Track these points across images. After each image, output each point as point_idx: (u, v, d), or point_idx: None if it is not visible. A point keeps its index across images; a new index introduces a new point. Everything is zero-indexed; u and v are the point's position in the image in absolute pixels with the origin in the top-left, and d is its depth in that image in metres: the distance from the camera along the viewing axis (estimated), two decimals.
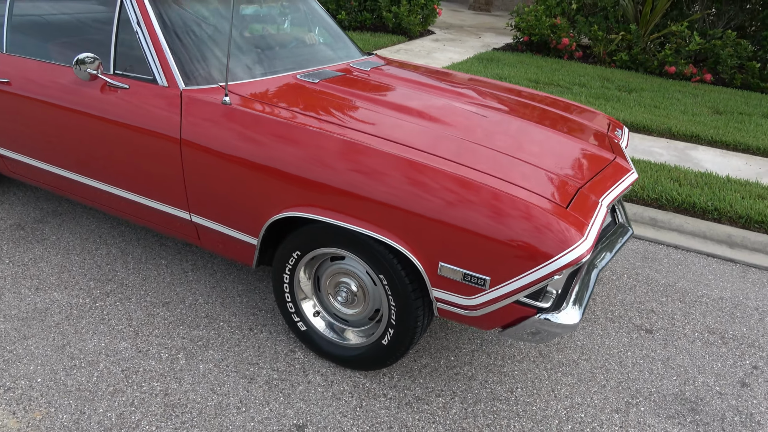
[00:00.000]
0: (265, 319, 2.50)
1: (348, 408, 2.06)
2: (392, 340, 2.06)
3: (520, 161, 2.04)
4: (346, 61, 2.99)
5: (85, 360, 2.17)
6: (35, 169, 2.72)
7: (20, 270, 2.69)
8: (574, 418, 2.12)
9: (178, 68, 2.28)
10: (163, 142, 2.21)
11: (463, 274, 1.82)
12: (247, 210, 2.14)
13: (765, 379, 2.43)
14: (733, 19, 9.43)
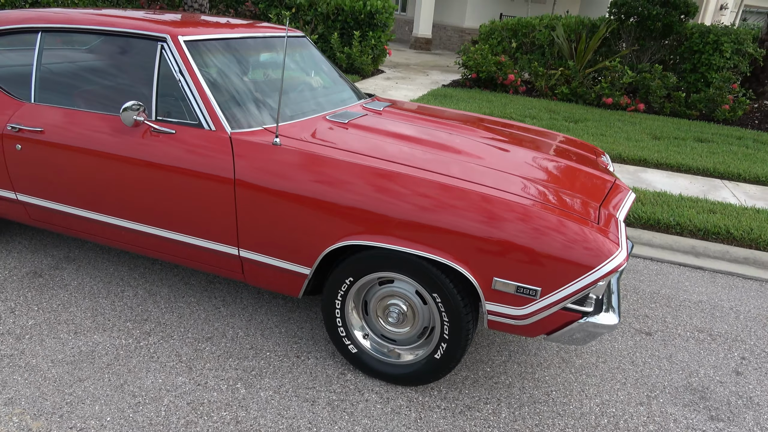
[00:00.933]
0: (307, 346, 2.63)
1: (409, 420, 2.22)
2: (445, 353, 2.25)
3: (551, 186, 2.32)
4: (358, 102, 3.22)
5: (148, 396, 2.23)
6: (65, 215, 2.75)
7: (52, 316, 2.69)
8: (607, 413, 2.36)
9: (222, 113, 2.43)
10: (216, 182, 2.34)
11: (516, 286, 2.05)
12: (302, 242, 2.29)
13: (754, 368, 2.77)
14: (655, 53, 10.42)
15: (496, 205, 2.05)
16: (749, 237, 4.22)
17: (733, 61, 9.69)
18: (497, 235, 2.01)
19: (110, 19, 2.66)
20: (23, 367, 2.33)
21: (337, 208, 2.18)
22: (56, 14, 2.75)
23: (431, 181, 2.14)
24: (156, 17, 2.76)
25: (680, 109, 9.09)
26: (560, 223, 2.01)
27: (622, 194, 2.59)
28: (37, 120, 2.65)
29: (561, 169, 2.59)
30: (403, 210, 2.09)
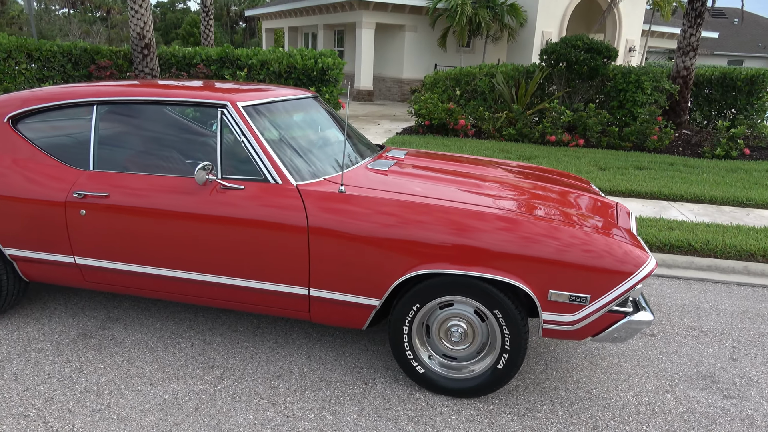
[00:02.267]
0: (370, 374, 2.87)
1: (483, 426, 2.50)
2: (507, 362, 2.57)
3: (579, 211, 2.74)
4: (379, 152, 3.58)
5: (250, 423, 2.40)
6: (128, 274, 2.90)
7: (121, 371, 2.80)
8: (643, 401, 2.74)
9: (285, 168, 2.72)
10: (289, 230, 2.60)
11: (569, 296, 2.42)
12: (373, 276, 2.57)
13: (744, 354, 3.26)
14: (584, 94, 11.49)
15: (549, 230, 2.44)
16: (708, 247, 4.83)
17: (653, 97, 10.85)
18: (552, 255, 2.39)
19: (168, 90, 2.92)
20: (117, 419, 2.44)
21: (405, 243, 2.49)
22: (112, 88, 2.97)
23: (490, 214, 2.50)
24: (211, 86, 3.04)
25: (615, 142, 10.05)
26: (608, 242, 2.42)
27: (625, 213, 3.05)
28: (100, 186, 2.83)
29: (577, 196, 3.04)
30: (470, 239, 2.44)
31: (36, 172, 2.90)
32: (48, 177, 2.88)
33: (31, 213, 2.88)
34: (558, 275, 2.40)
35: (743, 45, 37.22)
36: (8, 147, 2.98)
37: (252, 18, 52.40)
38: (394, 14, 17.26)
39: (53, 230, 2.88)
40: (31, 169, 2.91)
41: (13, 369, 2.79)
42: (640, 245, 2.52)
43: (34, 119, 3.03)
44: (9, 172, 2.92)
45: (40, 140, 3.00)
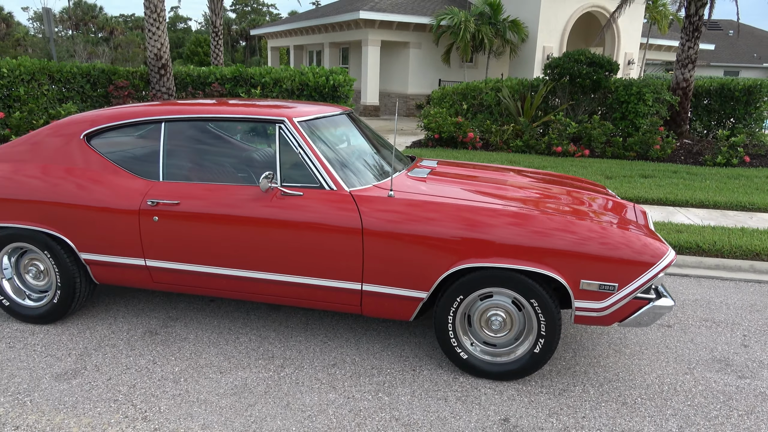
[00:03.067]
0: (416, 362, 3.16)
1: (523, 403, 2.79)
2: (543, 347, 2.87)
3: (604, 210, 3.06)
4: (414, 162, 3.90)
5: (314, 410, 2.69)
6: (195, 274, 3.20)
7: (191, 363, 3.09)
8: (665, 382, 3.03)
9: (338, 176, 3.04)
10: (345, 231, 2.91)
11: (599, 285, 2.72)
12: (421, 271, 2.88)
13: (755, 341, 3.55)
14: (587, 106, 11.86)
15: (584, 227, 2.75)
16: (715, 248, 5.13)
17: (655, 108, 11.22)
18: (586, 249, 2.69)
19: (229, 108, 3.24)
20: (197, 402, 2.73)
21: (451, 240, 2.80)
22: (178, 107, 3.30)
23: (529, 215, 2.82)
24: (266, 104, 3.37)
25: (619, 152, 10.40)
26: (632, 236, 2.73)
27: (641, 213, 3.36)
28: (171, 194, 3.14)
29: (599, 199, 3.35)
30: (511, 236, 2.74)
31: (111, 183, 3.22)
32: (123, 188, 3.19)
33: (107, 220, 3.18)
34: (589, 267, 2.70)
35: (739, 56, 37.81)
36: (84, 161, 3.30)
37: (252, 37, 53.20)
38: (398, 32, 17.73)
39: (127, 235, 3.19)
40: (107, 181, 3.22)
41: (93, 362, 3.08)
42: (660, 240, 2.82)
43: (106, 136, 3.35)
44: (86, 184, 3.23)
45: (113, 155, 3.32)
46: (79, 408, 2.66)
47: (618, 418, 2.70)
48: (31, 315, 3.46)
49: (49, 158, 3.35)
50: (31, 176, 3.29)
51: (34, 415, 2.60)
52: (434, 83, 18.45)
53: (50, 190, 3.23)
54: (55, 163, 3.33)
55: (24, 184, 3.28)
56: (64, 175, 3.26)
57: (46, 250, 3.33)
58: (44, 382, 2.87)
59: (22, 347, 3.22)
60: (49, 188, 3.23)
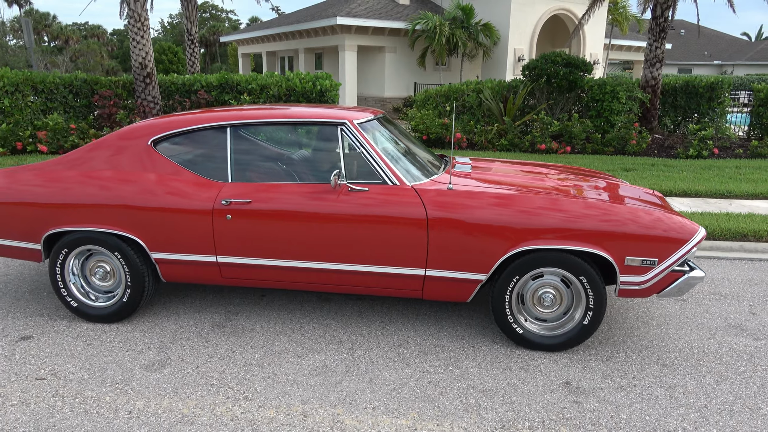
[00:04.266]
0: (473, 339, 3.47)
1: (577, 369, 3.13)
2: (592, 319, 3.22)
3: (634, 196, 3.43)
4: (451, 160, 4.21)
5: (397, 383, 2.97)
6: (266, 267, 3.42)
7: (267, 350, 3.33)
8: (693, 346, 3.42)
9: (399, 172, 3.33)
10: (411, 222, 3.19)
11: (641, 260, 3.09)
12: (481, 255, 3.19)
13: (761, 309, 3.99)
14: (565, 105, 12.42)
15: (627, 211, 3.11)
16: (708, 232, 5.61)
17: (628, 105, 11.85)
18: (630, 230, 3.05)
19: (291, 111, 3.50)
20: (287, 381, 2.98)
21: (509, 226, 3.12)
22: (242, 112, 3.53)
23: (578, 200, 3.16)
24: (322, 108, 3.63)
25: (599, 148, 10.96)
26: (667, 217, 3.10)
27: (659, 197, 3.76)
28: (242, 194, 3.36)
29: (624, 187, 3.74)
30: (563, 220, 3.08)
31: (183, 186, 3.42)
32: (194, 190, 3.40)
33: (181, 220, 3.39)
34: (632, 245, 3.07)
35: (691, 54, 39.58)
36: (154, 166, 3.49)
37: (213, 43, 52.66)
38: (374, 37, 18.07)
39: (200, 234, 3.40)
40: (178, 184, 3.43)
41: (174, 353, 3.28)
42: (690, 221, 3.21)
43: (173, 141, 3.55)
44: (159, 188, 3.42)
45: (181, 159, 3.52)
46: (180, 393, 2.87)
47: (662, 376, 3.07)
48: (99, 314, 3.63)
49: (118, 164, 3.53)
50: (103, 182, 3.46)
51: (140, 401, 2.80)
52: (410, 86, 18.85)
53: (123, 194, 3.41)
54: (125, 169, 3.51)
55: (96, 189, 3.45)
56: (135, 180, 3.45)
57: (116, 252, 3.50)
58: (136, 372, 3.06)
59: (100, 344, 3.39)
60: (122, 193, 3.42)
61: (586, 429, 2.60)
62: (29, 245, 3.62)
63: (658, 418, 2.69)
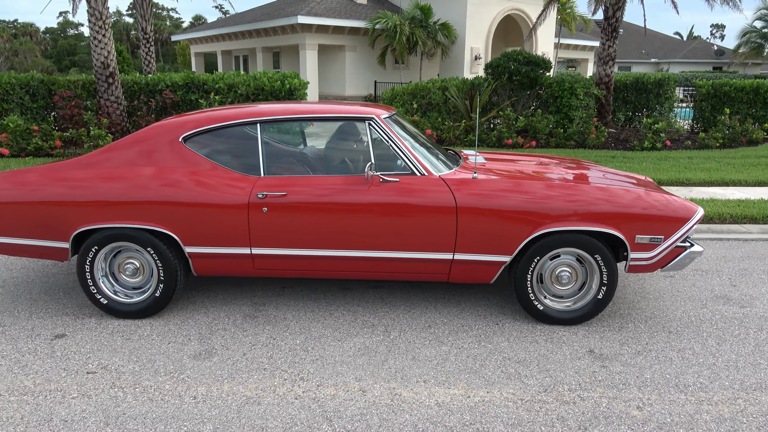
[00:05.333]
0: (496, 318, 3.73)
1: (596, 339, 3.44)
2: (605, 293, 3.53)
3: (635, 182, 3.78)
4: (462, 153, 4.45)
5: (438, 359, 3.19)
6: (295, 258, 3.57)
7: (307, 335, 3.48)
8: (690, 314, 3.80)
9: (427, 163, 3.55)
10: (441, 210, 3.41)
11: (650, 238, 3.43)
12: (506, 238, 3.45)
13: (740, 282, 4.43)
14: (525, 102, 12.95)
15: (636, 194, 3.44)
16: None
17: (585, 101, 12.47)
18: (640, 210, 3.38)
19: (320, 107, 3.65)
20: (336, 362, 3.15)
21: (533, 211, 3.39)
22: (271, 108, 3.66)
23: (593, 186, 3.47)
24: (347, 104, 3.80)
25: (561, 142, 11.51)
26: (671, 198, 3.45)
27: (654, 183, 4.14)
28: (277, 187, 3.49)
29: (619, 174, 4.09)
30: (582, 204, 3.38)
31: (217, 181, 3.52)
32: (230, 184, 3.51)
33: (217, 214, 3.49)
34: (642, 224, 3.40)
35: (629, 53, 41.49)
36: (186, 162, 3.57)
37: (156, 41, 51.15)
38: (334, 35, 18.18)
39: (236, 227, 3.51)
40: (212, 179, 3.52)
41: (217, 343, 3.39)
42: (690, 202, 3.58)
43: (203, 137, 3.64)
44: (193, 183, 3.51)
45: (212, 155, 3.62)
46: (237, 378, 3.00)
47: (670, 341, 3.42)
48: (130, 311, 3.67)
49: (149, 161, 3.59)
50: (135, 179, 3.52)
51: (200, 387, 2.91)
52: (370, 85, 19.07)
53: (158, 191, 3.48)
54: (157, 166, 3.57)
55: (129, 187, 3.50)
56: (169, 176, 3.52)
57: (149, 247, 3.56)
58: (186, 362, 3.16)
59: (138, 338, 3.45)
60: (157, 189, 3.48)
61: (618, 388, 2.90)
62: (55, 244, 3.62)
63: (676, 375, 3.03)
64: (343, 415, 2.67)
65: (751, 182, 8.10)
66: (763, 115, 13.29)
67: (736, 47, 36.60)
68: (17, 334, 3.49)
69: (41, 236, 3.62)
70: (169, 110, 12.08)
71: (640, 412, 2.70)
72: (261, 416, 2.66)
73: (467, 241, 3.47)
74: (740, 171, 8.82)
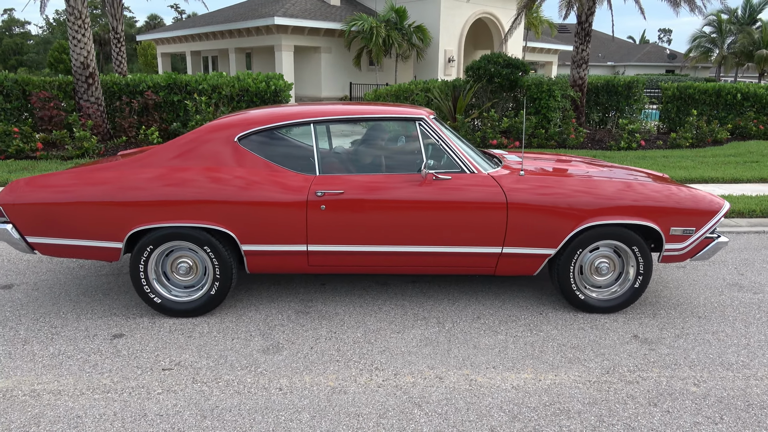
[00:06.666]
0: (539, 308, 3.94)
1: (634, 324, 3.69)
2: (641, 282, 3.79)
3: (667, 179, 4.05)
4: (498, 152, 4.64)
5: (498, 347, 3.36)
6: (350, 254, 3.68)
7: (365, 329, 3.60)
8: (711, 300, 4.10)
9: (476, 162, 3.73)
10: (492, 206, 3.59)
11: (683, 230, 3.70)
12: (552, 232, 3.65)
13: (745, 270, 4.79)
14: (505, 103, 13.32)
15: (670, 189, 3.71)
16: None
17: (562, 103, 12.93)
18: (675, 204, 3.65)
19: (371, 108, 3.78)
20: (404, 353, 3.28)
21: (577, 207, 3.61)
22: (324, 108, 3.76)
23: (631, 182, 3.72)
24: (394, 105, 3.93)
25: (543, 142, 11.91)
26: (700, 193, 3.74)
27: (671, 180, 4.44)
28: (334, 185, 3.60)
29: (643, 171, 4.37)
30: (623, 199, 3.62)
31: (275, 180, 3.59)
32: (287, 183, 3.59)
33: (275, 213, 3.56)
34: (677, 217, 3.67)
35: None
36: (242, 162, 3.64)
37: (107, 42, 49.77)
38: (310, 37, 18.19)
39: (293, 225, 3.59)
40: (270, 178, 3.60)
41: (281, 338, 3.47)
42: (715, 196, 3.88)
43: (258, 137, 3.71)
44: (250, 183, 3.57)
45: (267, 154, 3.69)
46: (313, 370, 3.10)
47: (703, 325, 3.70)
48: (184, 309, 3.71)
49: (205, 161, 3.64)
50: (193, 179, 3.56)
51: (281, 379, 3.00)
52: (345, 86, 19.15)
53: (218, 190, 3.53)
54: (213, 165, 3.63)
55: (187, 186, 3.54)
56: (228, 176, 3.58)
57: (206, 246, 3.61)
58: (258, 357, 3.24)
59: (199, 336, 3.50)
60: (216, 189, 3.53)
61: (671, 368, 3.14)
62: (108, 244, 3.63)
63: (719, 354, 3.30)
64: (429, 400, 2.82)
65: (728, 179, 8.62)
66: (725, 116, 14.07)
67: (687, 51, 38.37)
68: (73, 335, 3.48)
69: (94, 237, 3.62)
70: (151, 111, 11.91)
71: (697, 388, 2.95)
72: (351, 404, 2.78)
73: (516, 235, 3.66)
74: (715, 169, 9.35)
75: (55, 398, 2.81)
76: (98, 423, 2.61)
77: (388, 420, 2.65)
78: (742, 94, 13.90)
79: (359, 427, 2.60)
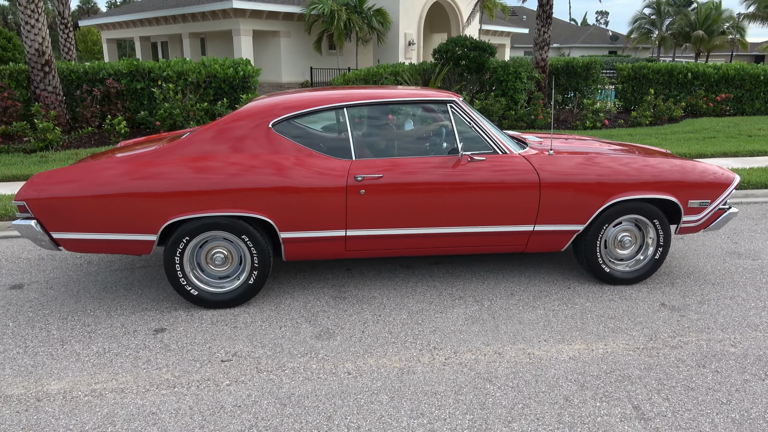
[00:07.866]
0: (564, 283, 4.09)
1: (658, 293, 3.90)
2: (661, 254, 4.00)
3: (679, 156, 4.26)
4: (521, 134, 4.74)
5: (541, 322, 3.49)
6: (388, 237, 3.71)
7: (408, 310, 3.65)
8: (719, 268, 4.37)
9: (507, 143, 3.82)
10: (526, 185, 3.70)
11: (699, 202, 3.92)
12: (581, 209, 3.80)
13: (739, 239, 5.11)
14: (472, 86, 13.51)
15: (688, 165, 3.91)
16: None
17: (528, 85, 13.23)
18: (692, 179, 3.86)
19: (403, 91, 3.80)
20: (452, 331, 3.36)
21: (606, 183, 3.76)
22: (356, 92, 3.75)
23: (655, 157, 3.90)
24: (423, 88, 3.95)
25: (513, 123, 12.18)
26: (713, 167, 3.96)
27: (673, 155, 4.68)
28: (372, 170, 3.61)
29: (650, 148, 4.58)
30: (647, 175, 3.80)
31: (312, 165, 3.57)
32: (325, 168, 3.57)
33: (315, 199, 3.54)
34: (694, 191, 3.88)
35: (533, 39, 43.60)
36: (277, 148, 3.59)
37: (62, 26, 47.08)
38: (269, 21, 17.79)
39: (333, 210, 3.58)
40: (307, 164, 3.57)
41: (329, 323, 3.47)
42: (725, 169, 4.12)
43: (291, 122, 3.66)
44: (288, 168, 3.53)
45: (301, 140, 3.65)
46: (374, 353, 3.13)
47: (718, 291, 3.95)
48: (221, 300, 3.66)
49: (239, 149, 3.57)
50: (228, 167, 3.49)
51: (346, 363, 3.02)
52: (306, 71, 18.89)
53: (255, 177, 3.48)
54: (248, 152, 3.56)
55: (223, 175, 3.46)
56: (263, 163, 3.52)
57: (244, 235, 3.56)
58: (313, 343, 3.24)
59: (245, 326, 3.46)
60: (253, 176, 3.48)
61: (706, 332, 3.36)
62: (141, 237, 3.52)
63: (744, 317, 3.54)
64: (497, 375, 2.91)
65: (695, 155, 9.09)
66: (677, 94, 14.75)
67: (629, 32, 39.79)
68: (111, 332, 3.38)
69: (125, 230, 3.50)
70: (114, 100, 11.43)
71: (735, 348, 3.17)
72: (425, 382, 2.84)
73: (548, 213, 3.79)
74: (680, 145, 9.83)
75: (121, 397, 2.73)
76: (176, 418, 2.57)
77: (465, 396, 2.73)
78: (693, 73, 14.59)
79: (440, 404, 2.66)
